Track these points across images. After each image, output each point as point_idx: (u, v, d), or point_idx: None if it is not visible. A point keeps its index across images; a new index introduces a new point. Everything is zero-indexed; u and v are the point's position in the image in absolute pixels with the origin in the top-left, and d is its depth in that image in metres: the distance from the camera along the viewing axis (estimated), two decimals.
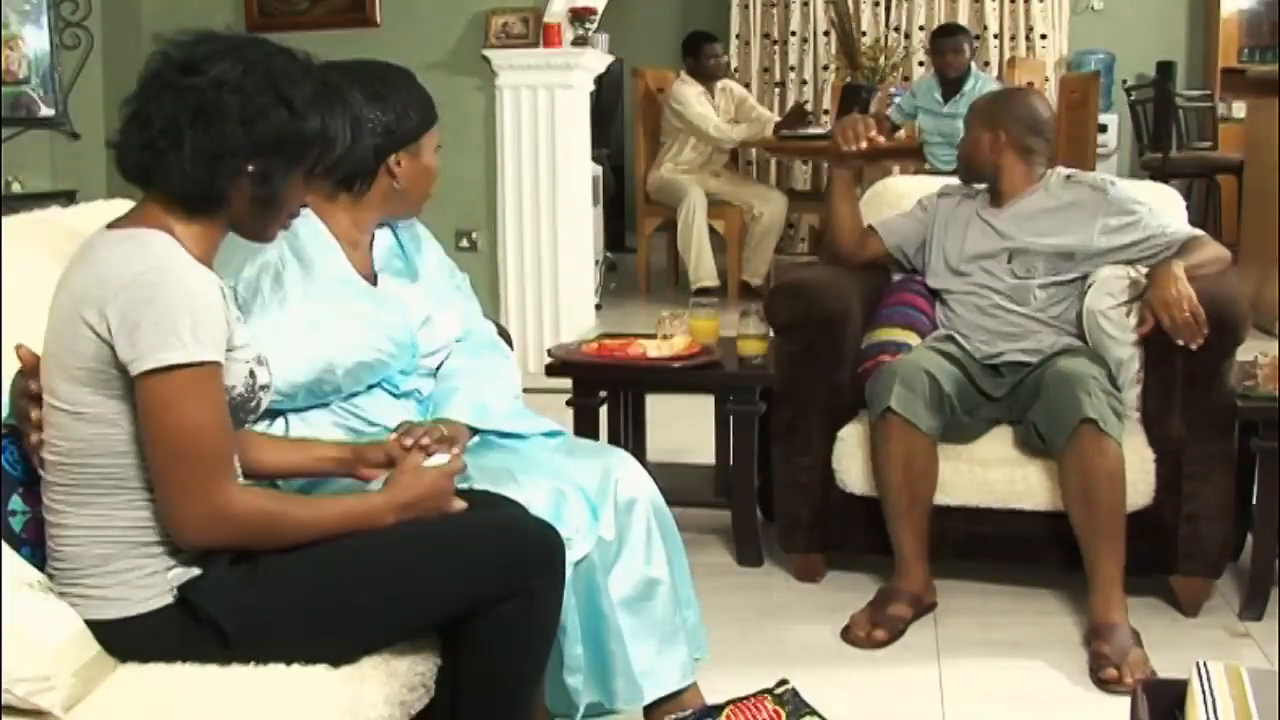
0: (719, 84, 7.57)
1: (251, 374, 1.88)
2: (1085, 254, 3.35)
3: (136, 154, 1.83)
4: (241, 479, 1.91)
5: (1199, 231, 3.37)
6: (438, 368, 2.47)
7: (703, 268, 7.18)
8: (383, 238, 2.48)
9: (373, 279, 2.41)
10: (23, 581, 1.80)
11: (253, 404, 1.91)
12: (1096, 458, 3.00)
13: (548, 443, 2.46)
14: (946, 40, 6.89)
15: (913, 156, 7.04)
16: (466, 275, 2.64)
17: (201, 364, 1.74)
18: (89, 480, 1.80)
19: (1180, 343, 3.04)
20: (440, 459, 2.08)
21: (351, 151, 1.99)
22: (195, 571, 1.83)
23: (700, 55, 7.41)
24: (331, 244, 2.36)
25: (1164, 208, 3.52)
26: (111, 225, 1.86)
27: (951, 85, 6.78)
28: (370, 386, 2.34)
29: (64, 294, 1.81)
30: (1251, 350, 3.26)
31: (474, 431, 2.36)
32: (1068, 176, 3.50)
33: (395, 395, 2.37)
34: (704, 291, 6.73)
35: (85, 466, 1.79)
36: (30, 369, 1.86)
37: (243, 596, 1.81)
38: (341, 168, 2.06)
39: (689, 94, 7.30)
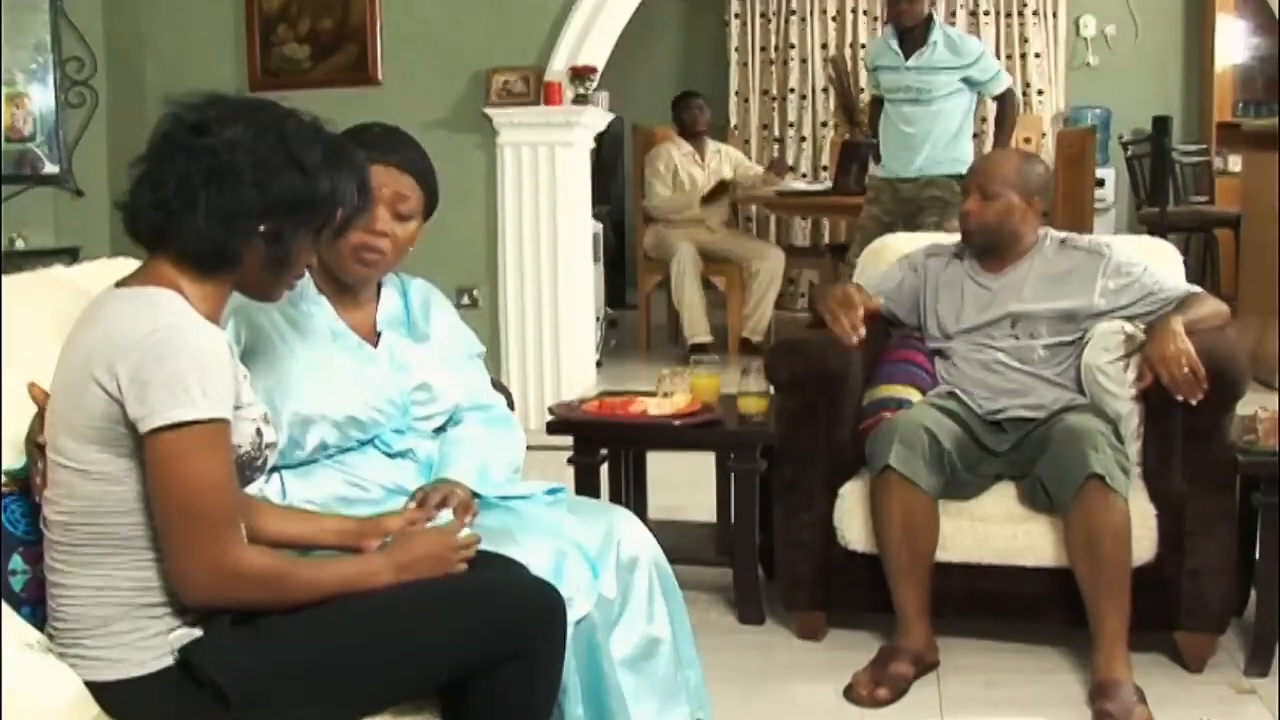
0: (712, 147, 7.63)
1: (258, 432, 1.89)
2: (1086, 314, 3.37)
3: (149, 214, 1.85)
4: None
5: (1196, 288, 3.39)
6: (439, 430, 2.47)
7: (696, 324, 7.22)
8: (391, 299, 2.49)
9: (374, 337, 2.42)
10: (23, 642, 1.79)
11: (259, 462, 1.91)
12: (1103, 514, 2.99)
13: (547, 499, 2.46)
14: None
15: None
16: (484, 349, 2.66)
17: (211, 421, 1.75)
18: (93, 540, 1.80)
19: (1179, 399, 3.05)
20: (445, 515, 2.09)
21: (359, 211, 2.00)
22: (196, 633, 1.83)
23: (679, 108, 7.58)
24: (320, 298, 2.38)
25: (1161, 264, 3.54)
26: (120, 283, 1.88)
27: (911, 37, 5.98)
28: (363, 444, 2.34)
29: (72, 352, 1.82)
30: (1252, 404, 3.26)
31: (475, 495, 2.35)
32: (1062, 241, 3.51)
33: (389, 455, 2.36)
34: (699, 348, 6.76)
35: (90, 526, 1.79)
36: (42, 411, 1.87)
37: (243, 658, 1.81)
38: (349, 227, 2.07)
39: (660, 155, 7.48)
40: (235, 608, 1.83)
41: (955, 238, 3.66)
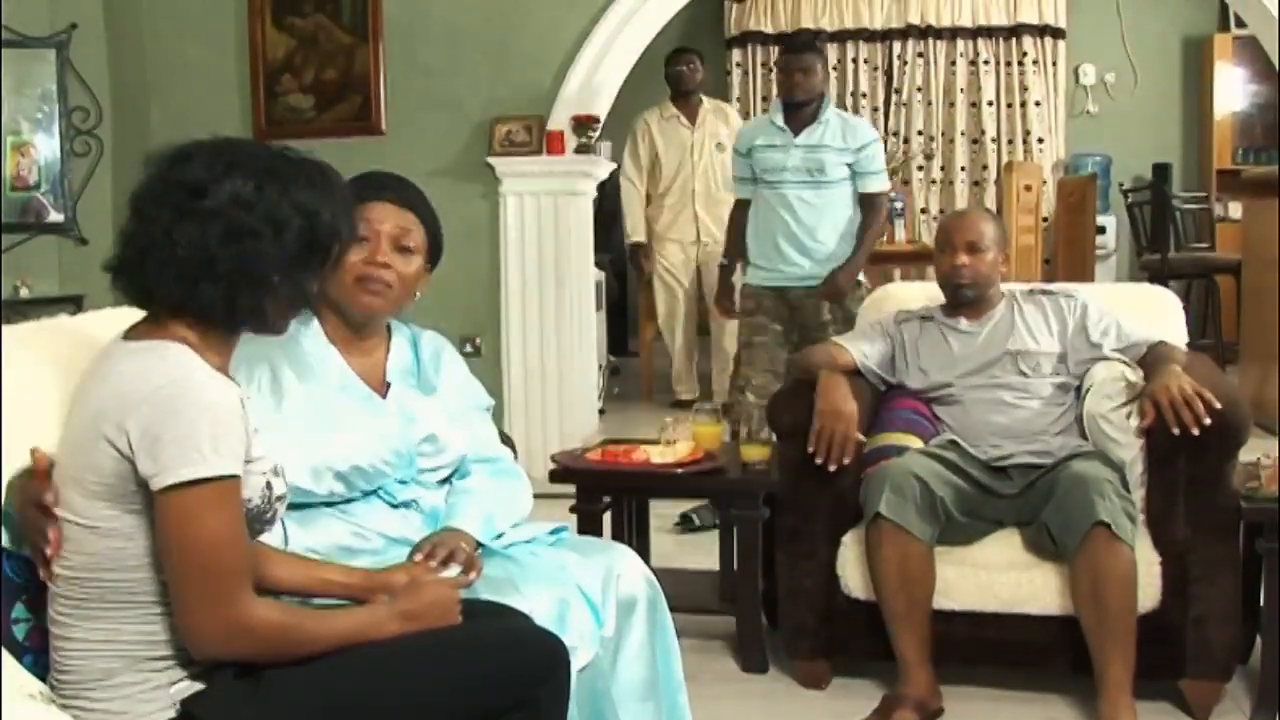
0: (708, 105, 7.06)
1: (268, 485, 1.89)
2: (1074, 357, 3.45)
3: (170, 287, 1.82)
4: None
5: (1159, 336, 3.43)
6: (445, 481, 2.47)
7: (681, 379, 7.23)
8: (401, 349, 2.50)
9: (383, 387, 2.42)
10: (25, 693, 1.78)
11: (268, 515, 1.91)
12: (1108, 561, 2.99)
13: (549, 539, 2.47)
14: (795, 58, 4.97)
15: (916, 260, 7.07)
16: (494, 402, 2.66)
17: (222, 478, 1.74)
18: (99, 595, 1.79)
19: (1177, 431, 3.04)
20: (453, 570, 2.09)
21: (351, 234, 2.01)
22: (199, 686, 1.82)
23: (667, 64, 6.93)
24: (330, 348, 2.38)
25: (1161, 312, 3.63)
26: (127, 335, 1.87)
27: (800, 114, 4.96)
28: (368, 494, 2.34)
29: (81, 408, 1.81)
30: (1254, 451, 3.26)
31: (479, 545, 2.35)
32: (1029, 290, 3.63)
33: (392, 505, 2.36)
34: (680, 403, 6.80)
35: (97, 581, 1.79)
36: (41, 475, 1.83)
37: (245, 711, 1.80)
38: (347, 252, 2.05)
39: (636, 125, 7.04)
40: (245, 661, 1.83)
41: (920, 302, 3.73)
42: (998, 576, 3.18)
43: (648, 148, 7.02)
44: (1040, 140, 9.02)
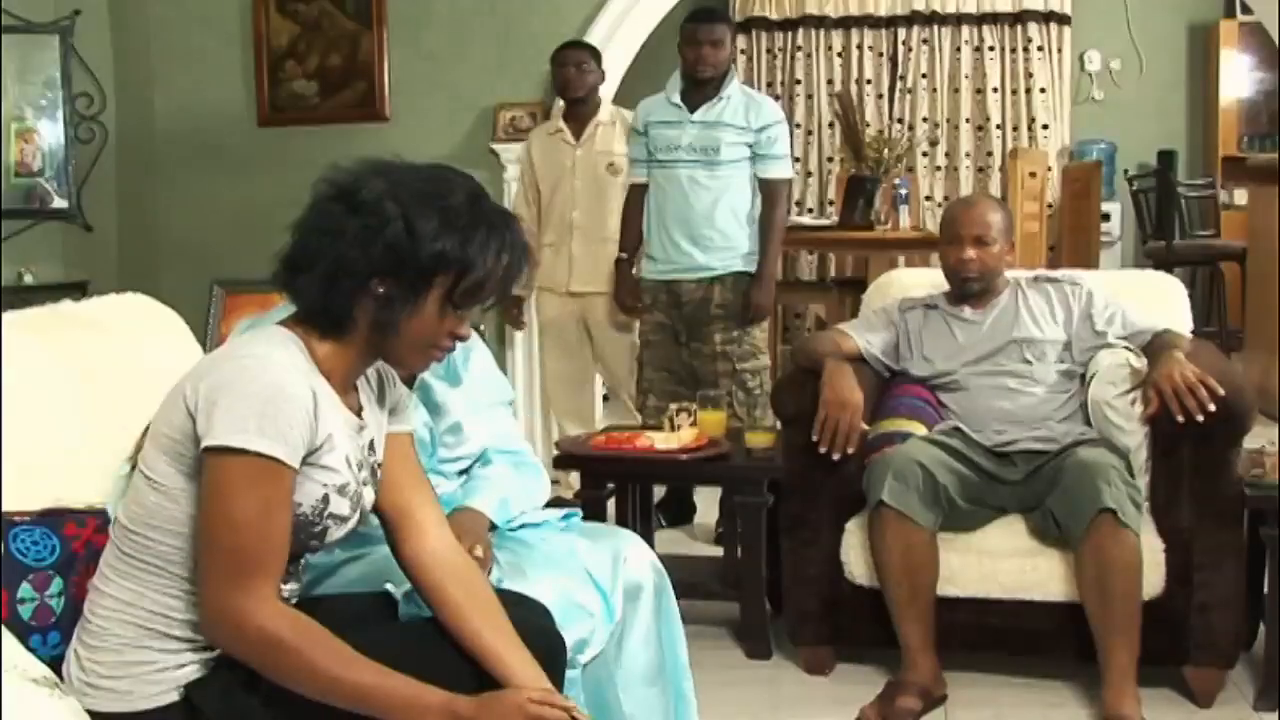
0: (604, 115, 5.26)
1: (325, 499, 1.83)
2: (1079, 345, 3.44)
3: (281, 270, 1.86)
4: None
5: (1164, 323, 3.42)
6: (464, 473, 2.48)
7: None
8: None
9: (410, 376, 2.42)
10: (27, 677, 1.79)
11: (316, 529, 1.85)
12: (1114, 548, 2.99)
13: (560, 525, 2.49)
14: (705, 28, 4.62)
15: (920, 247, 7.05)
16: (515, 396, 2.66)
17: (260, 456, 1.72)
18: (136, 551, 1.81)
19: (1181, 419, 3.04)
20: None
21: (498, 280, 1.88)
22: (204, 673, 1.82)
23: (552, 64, 5.33)
24: None
25: (1165, 299, 3.63)
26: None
27: (701, 90, 4.62)
28: None
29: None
30: (1258, 438, 3.26)
31: (492, 527, 2.36)
32: (1034, 278, 3.62)
33: None
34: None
35: (140, 536, 1.81)
36: None
37: (243, 700, 1.80)
38: (482, 295, 1.87)
39: (525, 147, 5.47)
40: (239, 659, 1.78)
41: (923, 290, 3.71)
42: (1002, 563, 3.19)
43: (529, 172, 5.37)
44: (1045, 127, 8.98)
